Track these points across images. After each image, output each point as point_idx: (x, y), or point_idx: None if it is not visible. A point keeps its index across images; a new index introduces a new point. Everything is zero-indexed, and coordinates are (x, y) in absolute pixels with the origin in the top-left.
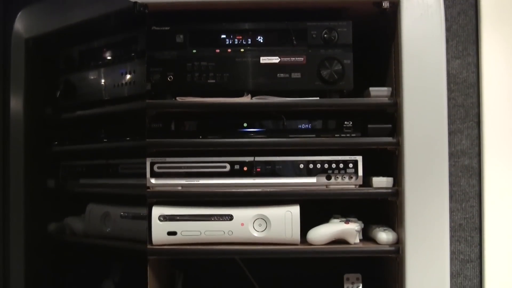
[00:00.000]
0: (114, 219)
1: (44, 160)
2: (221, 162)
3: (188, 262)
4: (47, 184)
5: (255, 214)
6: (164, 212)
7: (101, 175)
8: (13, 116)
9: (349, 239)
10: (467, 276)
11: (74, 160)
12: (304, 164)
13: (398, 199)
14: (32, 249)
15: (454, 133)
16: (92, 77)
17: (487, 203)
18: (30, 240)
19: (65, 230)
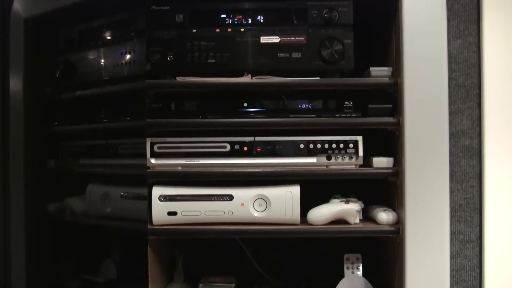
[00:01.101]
0: (114, 199)
1: (44, 140)
2: (221, 142)
3: (189, 242)
4: (47, 164)
5: (255, 194)
6: (164, 192)
7: (101, 155)
8: (13, 96)
9: (349, 219)
10: (467, 256)
11: (74, 140)
12: (305, 144)
13: (398, 179)
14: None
15: (455, 113)
16: (91, 57)
17: (487, 184)
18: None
19: (65, 210)
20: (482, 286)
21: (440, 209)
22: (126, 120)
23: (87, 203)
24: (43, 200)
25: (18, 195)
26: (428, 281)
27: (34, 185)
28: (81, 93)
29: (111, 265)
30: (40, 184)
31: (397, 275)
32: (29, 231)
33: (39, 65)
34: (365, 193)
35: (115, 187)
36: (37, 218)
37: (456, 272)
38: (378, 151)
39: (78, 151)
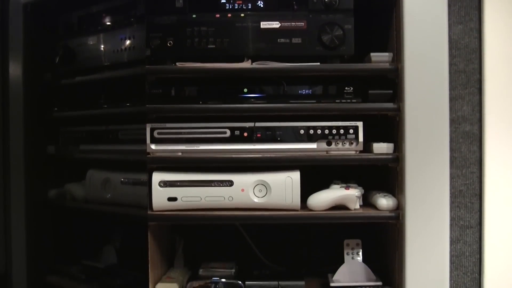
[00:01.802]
0: (114, 185)
1: (44, 126)
2: (221, 127)
3: (189, 228)
4: (47, 150)
5: (256, 179)
6: (164, 178)
7: (101, 141)
8: (12, 82)
9: (349, 205)
10: (467, 242)
11: (74, 126)
12: (305, 130)
13: (399, 165)
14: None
15: (455, 99)
16: (91, 42)
17: (488, 169)
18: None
19: (65, 196)
20: (481, 271)
21: (440, 195)
22: (126, 105)
23: (87, 189)
24: (44, 186)
25: (18, 181)
26: (428, 267)
27: (34, 171)
28: (81, 79)
29: (111, 250)
30: (40, 170)
31: (397, 261)
32: (30, 217)
33: (38, 50)
34: (365, 179)
35: (115, 173)
36: (37, 204)
37: (456, 257)
38: (378, 137)
39: (78, 137)
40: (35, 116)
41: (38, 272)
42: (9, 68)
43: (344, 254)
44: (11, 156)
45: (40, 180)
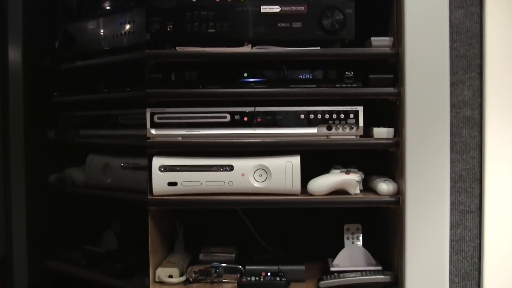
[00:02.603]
0: (114, 170)
1: (44, 111)
2: (221, 112)
3: (189, 213)
4: (47, 135)
5: (256, 164)
6: (164, 162)
7: (101, 126)
8: (12, 67)
9: (349, 190)
10: (467, 227)
11: (74, 111)
12: (305, 115)
13: (399, 150)
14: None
15: (456, 83)
16: (91, 27)
17: (488, 154)
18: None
19: (65, 181)
20: (481, 256)
21: (441, 180)
22: (126, 90)
23: (87, 173)
24: (44, 170)
25: (18, 166)
26: (428, 251)
27: (34, 156)
28: (81, 64)
29: (111, 235)
30: (40, 155)
31: (397, 246)
32: (30, 202)
33: (38, 35)
34: (366, 163)
35: (115, 158)
36: (37, 189)
37: (456, 242)
38: (379, 122)
39: (78, 121)
40: (35, 101)
41: (39, 257)
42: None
43: (344, 238)
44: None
45: (40, 165)
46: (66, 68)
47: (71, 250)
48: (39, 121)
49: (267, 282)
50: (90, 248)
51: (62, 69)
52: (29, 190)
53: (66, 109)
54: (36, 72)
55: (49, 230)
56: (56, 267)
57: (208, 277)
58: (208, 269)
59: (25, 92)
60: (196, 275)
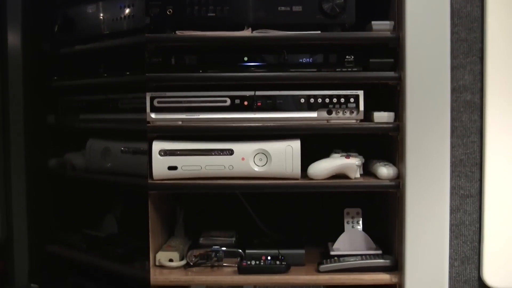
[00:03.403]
0: (114, 154)
1: (44, 95)
2: (221, 96)
3: (189, 197)
4: (47, 119)
5: (256, 148)
6: (164, 146)
7: (101, 110)
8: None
9: (349, 174)
10: (467, 211)
11: (74, 95)
12: (305, 99)
13: (399, 134)
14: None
15: (457, 68)
16: (90, 11)
17: (488, 139)
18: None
19: (66, 166)
20: (481, 240)
21: (441, 164)
22: (126, 74)
23: (88, 158)
24: (44, 155)
25: (18, 150)
26: (428, 236)
27: (34, 140)
28: (80, 48)
29: (112, 220)
30: (40, 140)
31: (397, 230)
32: (30, 186)
33: (37, 19)
34: (366, 148)
35: (115, 142)
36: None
37: (456, 226)
38: (379, 106)
39: (78, 106)
40: (35, 85)
41: (39, 241)
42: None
43: (344, 222)
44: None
45: (40, 149)
46: (65, 53)
47: (72, 235)
48: (39, 106)
49: (267, 266)
50: (90, 232)
51: (61, 54)
52: (29, 175)
53: (66, 94)
54: (36, 57)
55: (49, 214)
56: (56, 251)
57: (208, 261)
58: (208, 253)
59: (25, 77)
60: (196, 259)
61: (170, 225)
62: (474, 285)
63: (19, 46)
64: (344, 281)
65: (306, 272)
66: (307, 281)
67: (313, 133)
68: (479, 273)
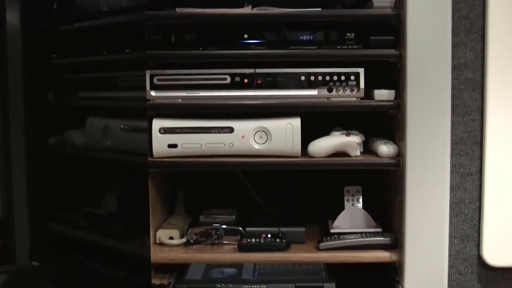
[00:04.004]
0: (114, 132)
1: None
2: (221, 74)
3: (189, 175)
4: (46, 97)
5: (256, 126)
6: (164, 124)
7: (100, 88)
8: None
9: (349, 152)
10: (467, 189)
11: (73, 73)
12: (305, 76)
13: (400, 112)
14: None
15: (458, 45)
16: None
17: (489, 117)
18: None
19: (66, 144)
20: (481, 219)
21: (441, 142)
22: (126, 52)
23: (87, 136)
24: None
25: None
26: (428, 214)
27: (34, 118)
28: (80, 25)
29: (112, 198)
30: (40, 118)
31: (397, 208)
32: (30, 164)
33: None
34: (366, 126)
35: (115, 120)
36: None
37: (456, 205)
38: (380, 84)
39: (77, 84)
40: (34, 63)
41: (40, 219)
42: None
43: (344, 200)
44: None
45: (40, 127)
46: (64, 30)
47: (72, 213)
48: (38, 84)
49: (267, 244)
50: (91, 210)
51: (60, 31)
52: (29, 153)
53: (65, 72)
54: (35, 35)
55: (49, 192)
56: (57, 229)
57: (209, 238)
58: (208, 231)
59: (24, 55)
60: (197, 237)
61: (170, 203)
62: (473, 263)
63: (18, 24)
64: (344, 259)
65: (306, 249)
66: (307, 259)
67: (314, 111)
68: (479, 251)
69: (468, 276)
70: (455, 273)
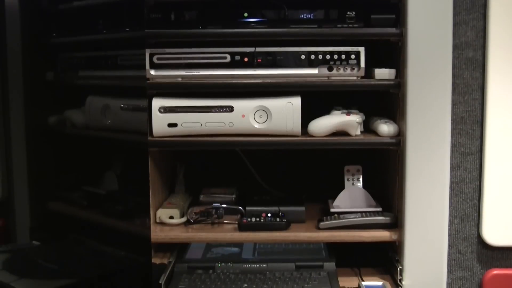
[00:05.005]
0: (114, 111)
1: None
2: (221, 53)
3: (189, 154)
4: (46, 76)
5: (256, 105)
6: (164, 103)
7: (100, 67)
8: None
9: (350, 131)
10: (467, 169)
11: (73, 52)
12: (306, 55)
13: (400, 91)
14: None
15: (459, 24)
16: None
17: (490, 96)
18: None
19: (65, 123)
20: (481, 198)
21: (442, 121)
22: (125, 31)
23: (87, 115)
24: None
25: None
26: (428, 193)
27: (34, 98)
28: (79, 4)
29: (112, 177)
30: (39, 97)
31: (397, 187)
32: (30, 144)
33: None
34: (367, 105)
35: (115, 99)
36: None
37: (456, 184)
38: (380, 63)
39: (77, 63)
40: (33, 42)
41: (40, 199)
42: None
43: (344, 180)
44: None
45: (40, 107)
46: (64, 9)
47: (72, 192)
48: (38, 63)
49: (267, 223)
50: (91, 189)
51: (60, 10)
52: (29, 132)
53: (65, 51)
54: (34, 13)
55: (49, 172)
56: (57, 208)
57: (209, 218)
58: (208, 210)
59: (23, 34)
60: (197, 216)
61: (170, 182)
62: (473, 242)
63: (17, 2)
64: (344, 238)
65: (306, 229)
66: (307, 238)
67: (314, 90)
68: (479, 230)
69: (468, 255)
70: (455, 252)
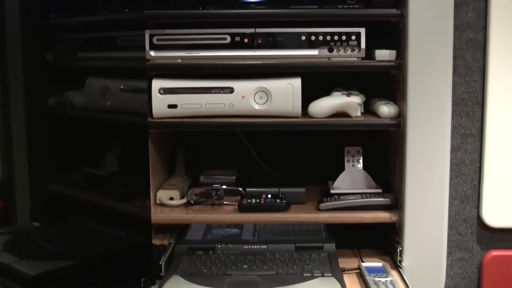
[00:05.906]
0: (114, 93)
1: (42, 33)
2: (221, 33)
3: (190, 136)
4: (45, 58)
5: (256, 86)
6: (164, 85)
7: (99, 48)
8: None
9: (350, 112)
10: (467, 150)
11: (72, 33)
12: (306, 36)
13: (401, 72)
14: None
15: (460, 5)
16: None
17: (491, 78)
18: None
19: (65, 104)
20: (481, 180)
21: (442, 103)
22: (125, 11)
23: (87, 96)
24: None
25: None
26: (428, 175)
27: (33, 79)
28: None
29: (112, 158)
30: (39, 78)
31: (398, 169)
32: (30, 125)
33: None
34: (367, 86)
35: (115, 80)
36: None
37: (456, 166)
38: (381, 45)
39: (76, 44)
40: (32, 24)
41: (40, 180)
42: None
43: (344, 161)
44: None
45: (39, 88)
46: None
47: (72, 173)
48: (37, 44)
49: (268, 204)
50: (91, 171)
51: None
52: (28, 114)
53: (64, 32)
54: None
55: (50, 153)
56: (57, 190)
57: (209, 199)
58: (208, 191)
59: (22, 15)
60: (197, 197)
61: (170, 163)
62: (473, 223)
63: None
64: (344, 219)
65: (306, 210)
66: (307, 219)
67: (314, 71)
68: (478, 212)
69: (468, 236)
70: (455, 233)
